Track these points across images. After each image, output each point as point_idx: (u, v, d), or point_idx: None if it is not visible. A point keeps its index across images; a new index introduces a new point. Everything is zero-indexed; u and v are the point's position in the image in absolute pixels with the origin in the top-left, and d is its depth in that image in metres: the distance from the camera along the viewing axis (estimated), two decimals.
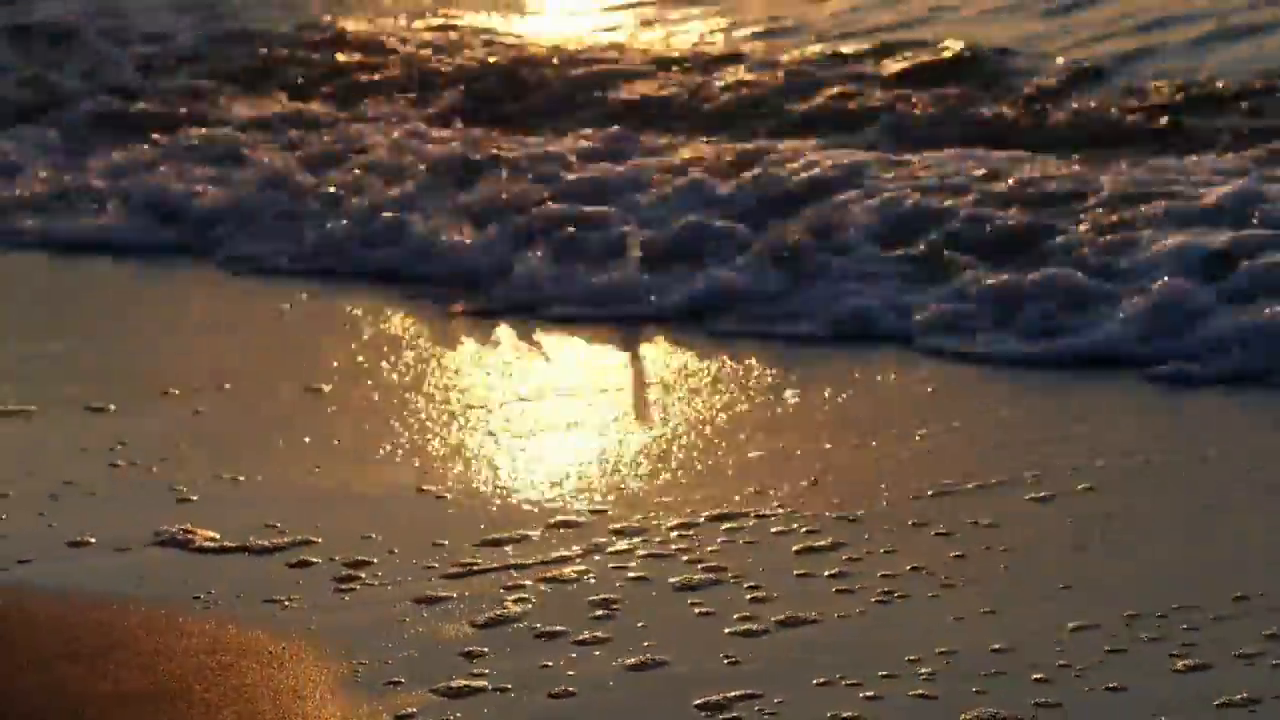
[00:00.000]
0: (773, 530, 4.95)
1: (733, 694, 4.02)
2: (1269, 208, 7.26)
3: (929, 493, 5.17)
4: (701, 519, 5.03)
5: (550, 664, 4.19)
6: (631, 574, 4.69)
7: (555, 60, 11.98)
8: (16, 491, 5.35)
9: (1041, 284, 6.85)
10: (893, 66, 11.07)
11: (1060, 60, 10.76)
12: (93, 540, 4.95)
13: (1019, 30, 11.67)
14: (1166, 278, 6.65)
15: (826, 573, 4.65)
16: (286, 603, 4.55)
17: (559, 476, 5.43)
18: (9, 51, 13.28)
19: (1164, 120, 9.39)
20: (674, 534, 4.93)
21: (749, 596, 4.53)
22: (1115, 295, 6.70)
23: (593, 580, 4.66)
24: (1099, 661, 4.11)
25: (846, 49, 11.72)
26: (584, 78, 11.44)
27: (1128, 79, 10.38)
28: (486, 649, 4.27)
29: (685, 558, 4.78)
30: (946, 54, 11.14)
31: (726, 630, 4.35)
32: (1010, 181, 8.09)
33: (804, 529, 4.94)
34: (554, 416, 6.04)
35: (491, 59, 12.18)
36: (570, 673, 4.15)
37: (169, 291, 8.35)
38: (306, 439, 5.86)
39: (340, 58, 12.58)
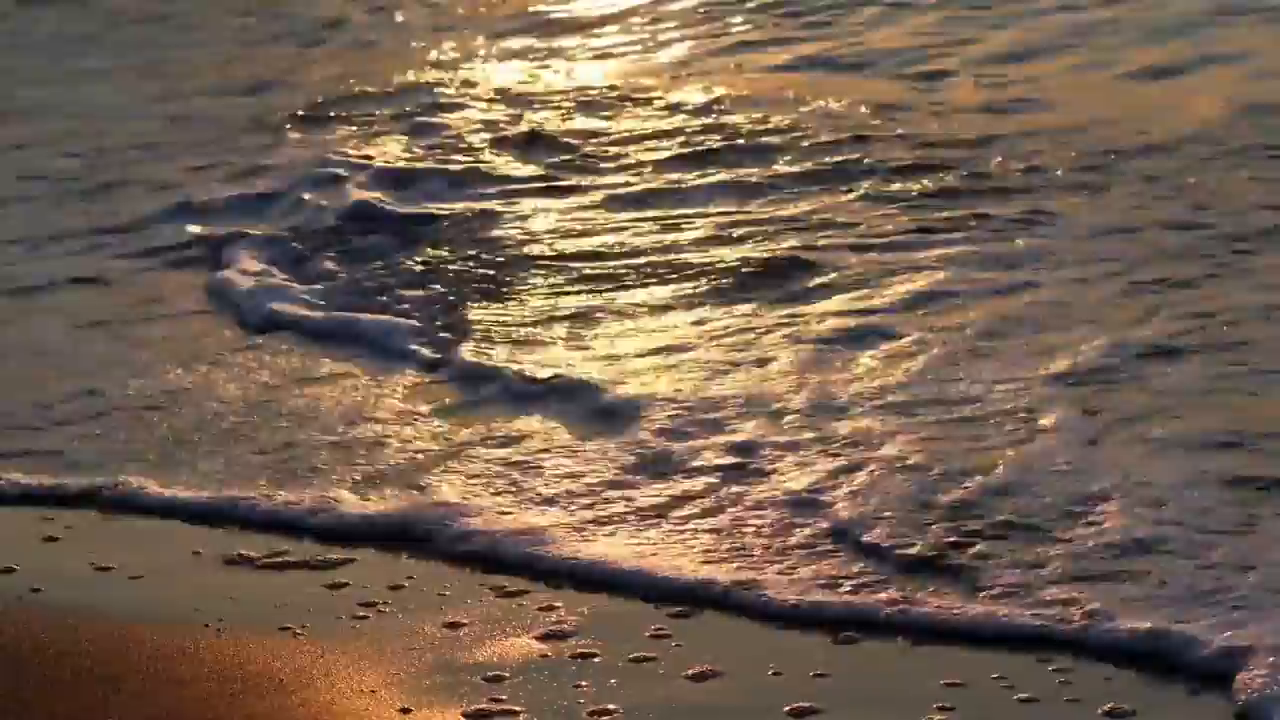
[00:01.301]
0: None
1: (790, 707, 3.58)
2: None
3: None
4: None
5: (588, 683, 3.75)
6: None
7: None
8: None
9: None
10: None
11: None
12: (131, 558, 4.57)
13: None
14: None
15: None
16: (301, 629, 4.11)
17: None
18: None
19: None
20: None
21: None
22: None
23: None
24: None
25: None
26: None
27: None
28: (528, 668, 3.84)
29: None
30: None
31: (812, 641, 3.87)
32: None
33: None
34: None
35: None
36: (615, 691, 3.71)
37: None
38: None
39: None
